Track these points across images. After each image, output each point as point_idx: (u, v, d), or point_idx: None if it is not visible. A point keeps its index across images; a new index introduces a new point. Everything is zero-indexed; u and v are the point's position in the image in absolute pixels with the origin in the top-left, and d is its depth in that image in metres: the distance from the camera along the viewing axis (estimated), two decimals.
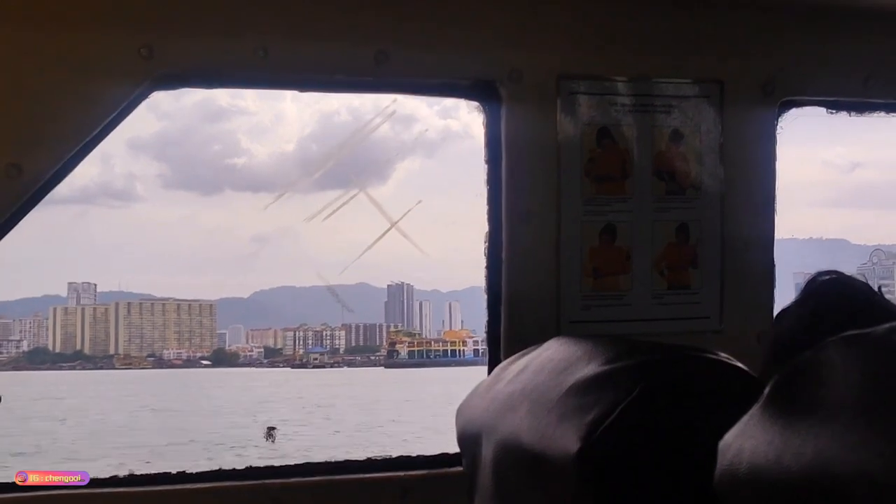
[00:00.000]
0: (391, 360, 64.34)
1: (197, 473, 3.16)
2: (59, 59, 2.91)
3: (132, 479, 3.11)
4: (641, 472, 1.87)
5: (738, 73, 3.40)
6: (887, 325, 1.34)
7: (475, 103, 3.30)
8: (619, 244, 3.37)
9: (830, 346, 1.39)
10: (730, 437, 1.52)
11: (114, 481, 3.10)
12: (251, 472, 3.19)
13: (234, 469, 3.20)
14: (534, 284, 3.30)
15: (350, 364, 68.17)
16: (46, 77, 2.90)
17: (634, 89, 3.35)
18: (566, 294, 3.31)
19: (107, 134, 2.99)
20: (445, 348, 64.40)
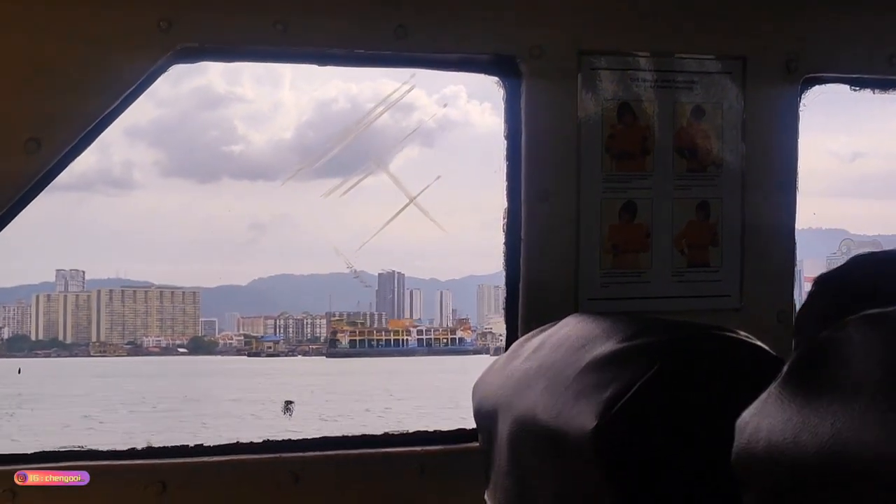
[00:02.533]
0: (332, 350, 63.98)
1: (215, 446, 3.18)
2: (77, 32, 2.90)
3: (150, 452, 3.12)
4: (658, 450, 1.86)
5: (761, 50, 3.38)
6: None
7: (495, 79, 3.28)
8: (639, 221, 3.35)
9: (850, 325, 1.37)
10: (747, 415, 1.51)
11: (132, 453, 3.11)
12: (269, 445, 3.20)
13: (251, 442, 3.21)
14: (552, 261, 3.29)
15: (305, 353, 68.34)
16: (65, 51, 2.90)
17: (656, 65, 3.32)
18: (585, 271, 3.30)
19: (125, 108, 2.99)
20: (388, 338, 63.92)
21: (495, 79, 3.28)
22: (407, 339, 62.66)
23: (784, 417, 1.40)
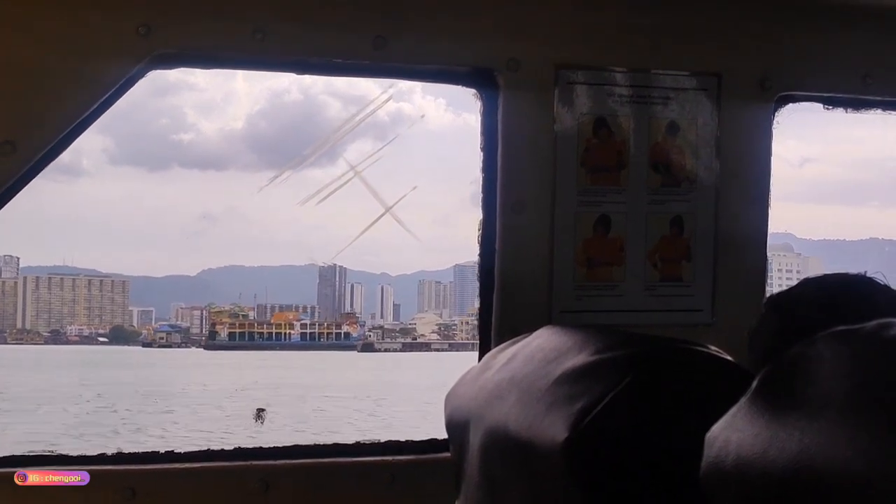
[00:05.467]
0: (211, 342, 63.51)
1: (185, 453, 3.17)
2: (56, 36, 2.90)
3: (119, 458, 3.12)
4: (629, 463, 1.87)
5: (737, 67, 3.41)
6: (876, 322, 1.34)
7: (472, 91, 3.30)
8: (613, 235, 3.37)
9: (819, 342, 1.39)
10: (717, 429, 1.52)
11: (101, 459, 3.11)
12: (239, 453, 3.20)
13: (222, 450, 3.21)
14: (527, 273, 3.30)
15: (198, 344, 68.29)
16: (43, 54, 2.89)
17: (632, 80, 3.35)
18: (559, 284, 3.32)
19: (102, 112, 2.99)
20: (271, 331, 63.34)
21: (473, 91, 3.30)
22: (290, 333, 62.24)
23: (753, 432, 1.41)
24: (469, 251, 3.38)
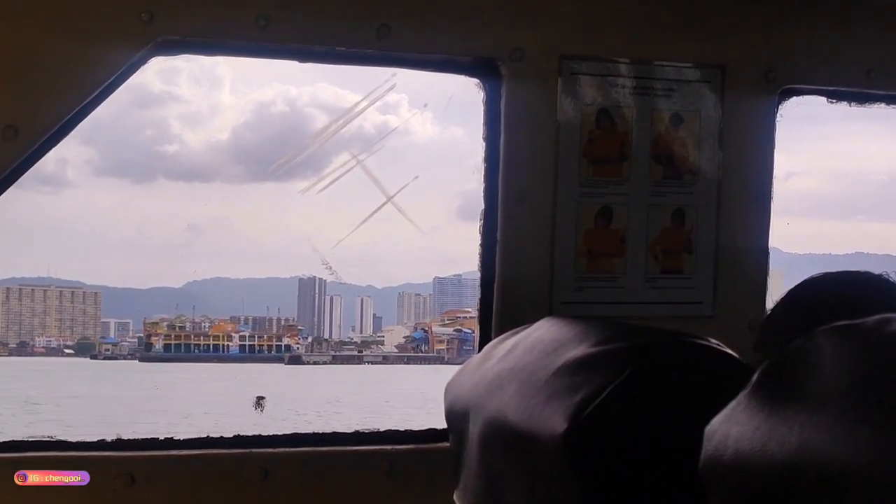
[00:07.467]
0: (146, 354, 63.00)
1: (184, 440, 3.17)
2: (59, 21, 2.89)
3: (118, 444, 3.12)
4: (628, 455, 1.87)
5: (741, 59, 3.40)
6: (878, 316, 1.33)
7: (475, 80, 3.29)
8: (615, 227, 3.36)
9: (820, 336, 1.38)
10: (716, 422, 1.52)
11: (100, 445, 3.11)
12: (239, 440, 3.20)
13: (221, 437, 3.21)
14: (527, 264, 3.30)
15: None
16: (46, 39, 2.89)
17: (636, 72, 3.34)
18: (559, 275, 3.32)
19: (104, 98, 2.98)
20: (208, 343, 62.60)
21: (476, 81, 3.29)
22: (228, 345, 61.48)
23: (752, 426, 1.41)
24: (450, 264, 3.39)
